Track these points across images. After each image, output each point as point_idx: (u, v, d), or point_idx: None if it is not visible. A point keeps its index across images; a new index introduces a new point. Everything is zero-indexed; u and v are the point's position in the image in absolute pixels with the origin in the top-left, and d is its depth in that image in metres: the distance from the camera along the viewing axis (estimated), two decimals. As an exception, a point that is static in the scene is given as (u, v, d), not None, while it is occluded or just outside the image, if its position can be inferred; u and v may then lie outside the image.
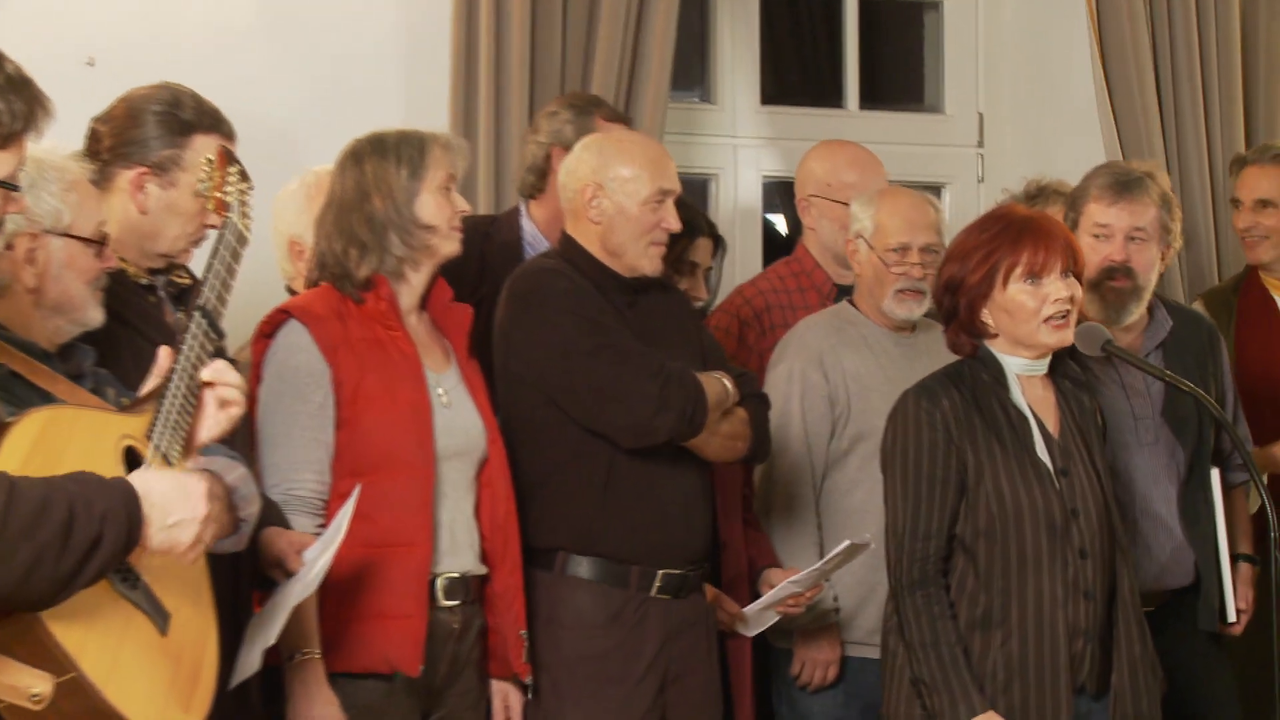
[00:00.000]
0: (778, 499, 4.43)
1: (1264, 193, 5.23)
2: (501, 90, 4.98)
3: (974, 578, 3.73)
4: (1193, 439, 4.41)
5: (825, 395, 4.39)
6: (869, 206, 4.47)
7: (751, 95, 5.79)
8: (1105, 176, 4.42)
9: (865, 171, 4.84)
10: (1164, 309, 4.52)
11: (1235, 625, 4.49)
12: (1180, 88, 5.72)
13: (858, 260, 4.49)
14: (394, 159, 3.67)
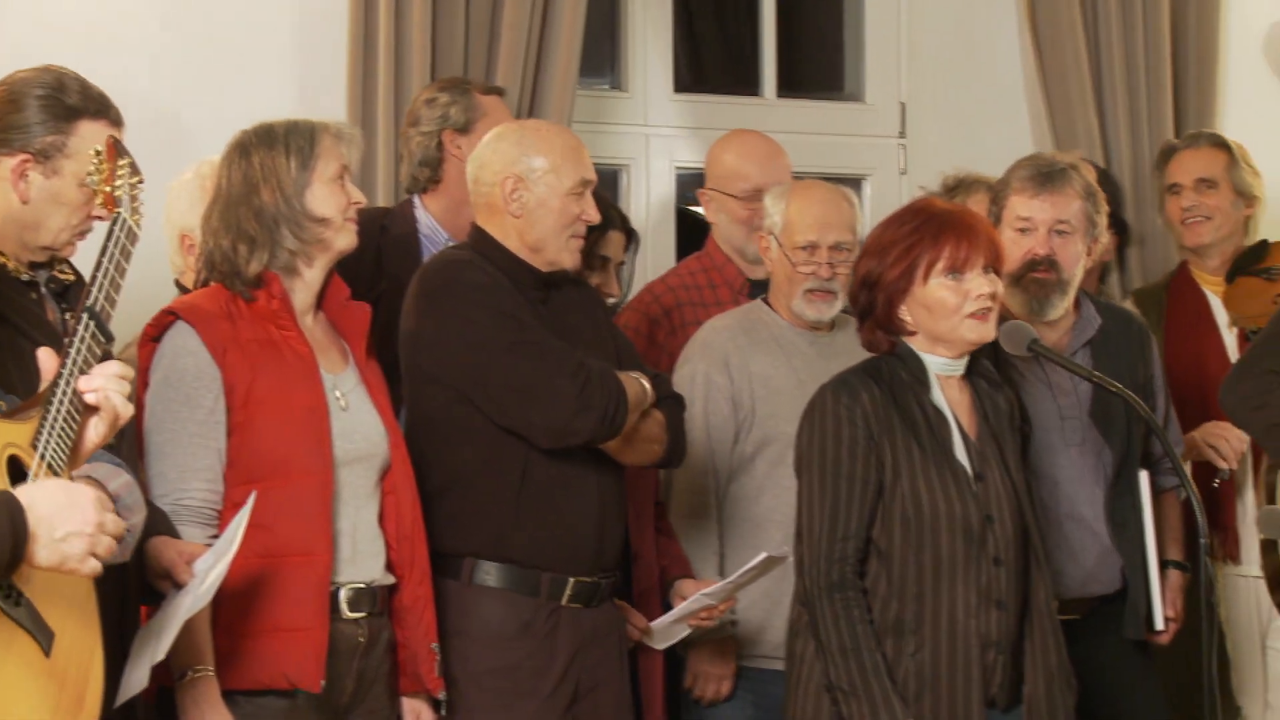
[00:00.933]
0: (679, 506, 4.42)
1: (1204, 172, 5.29)
2: (401, 78, 4.96)
3: (887, 583, 3.74)
4: (1121, 441, 4.44)
5: (730, 398, 4.39)
6: (780, 201, 4.47)
7: (664, 82, 5.79)
8: (1028, 169, 4.45)
9: (763, 163, 4.85)
10: (1093, 306, 4.55)
11: (1163, 634, 4.52)
12: (1113, 78, 5.77)
13: (769, 258, 4.49)
14: (283, 150, 3.64)
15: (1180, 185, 5.32)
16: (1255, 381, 4.36)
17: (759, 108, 5.87)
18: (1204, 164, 5.31)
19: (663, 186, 5.79)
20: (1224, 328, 5.21)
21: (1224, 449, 4.93)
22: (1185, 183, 5.31)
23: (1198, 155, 5.33)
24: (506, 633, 3.92)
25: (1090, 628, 4.39)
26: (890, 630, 3.73)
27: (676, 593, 4.29)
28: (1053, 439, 4.38)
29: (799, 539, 3.79)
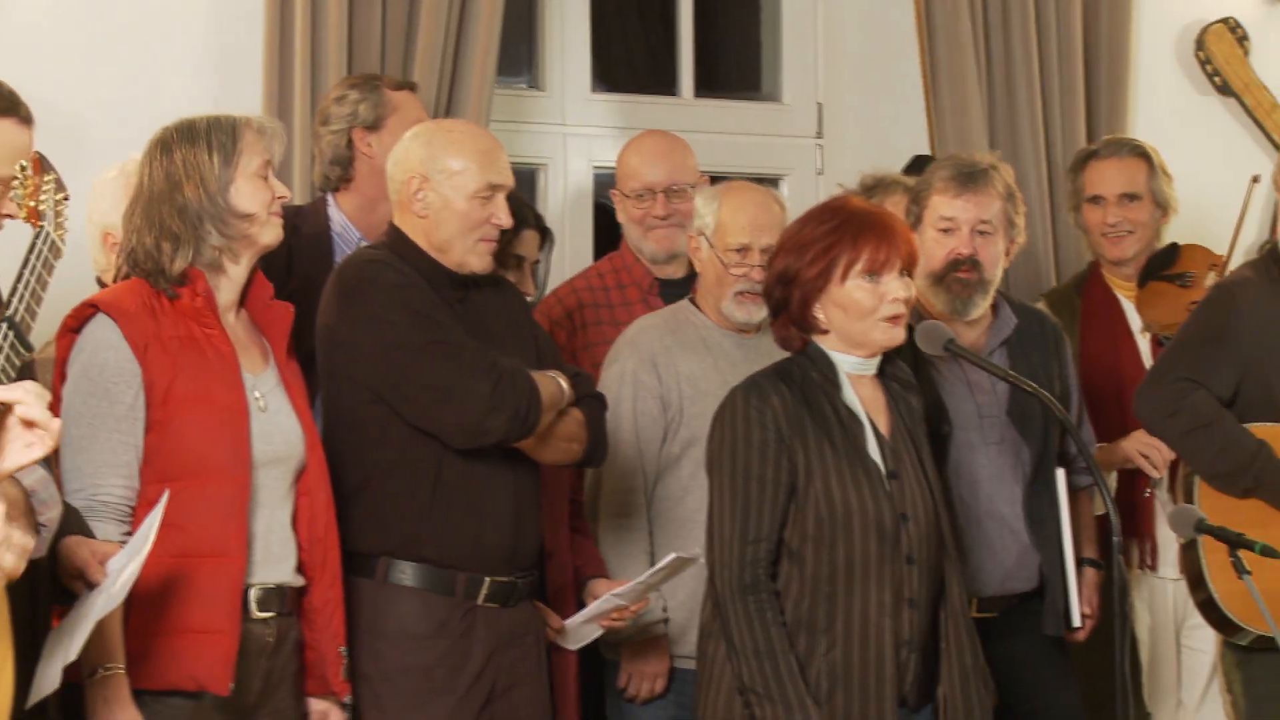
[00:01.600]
0: (608, 505, 4.43)
1: (1128, 186, 5.30)
2: (318, 76, 4.93)
3: (799, 583, 3.75)
4: (1038, 440, 4.48)
5: (658, 397, 4.39)
6: (712, 203, 4.47)
7: (582, 81, 5.79)
8: (950, 169, 4.48)
9: (653, 162, 4.85)
10: (1009, 306, 4.58)
11: (1080, 631, 4.56)
12: (1015, 83, 5.79)
13: (699, 258, 4.48)
14: (205, 145, 3.62)
15: (1103, 198, 5.30)
16: (1168, 389, 4.41)
17: (676, 108, 5.88)
18: (1127, 177, 5.30)
19: (580, 186, 5.78)
20: (1138, 333, 5.24)
21: (1155, 458, 4.95)
22: (1109, 196, 5.29)
23: (1120, 166, 5.32)
24: (421, 632, 3.91)
25: (1009, 625, 4.43)
26: (803, 629, 3.74)
27: (589, 592, 4.29)
28: (972, 438, 4.42)
29: (710, 541, 3.80)
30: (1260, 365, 4.39)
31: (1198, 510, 4.07)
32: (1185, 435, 4.39)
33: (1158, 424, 4.49)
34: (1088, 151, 5.44)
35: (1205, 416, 4.35)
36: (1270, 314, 4.41)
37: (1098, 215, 5.32)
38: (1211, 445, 4.35)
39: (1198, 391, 4.37)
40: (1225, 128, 6.28)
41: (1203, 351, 4.42)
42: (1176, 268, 5.22)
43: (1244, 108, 6.27)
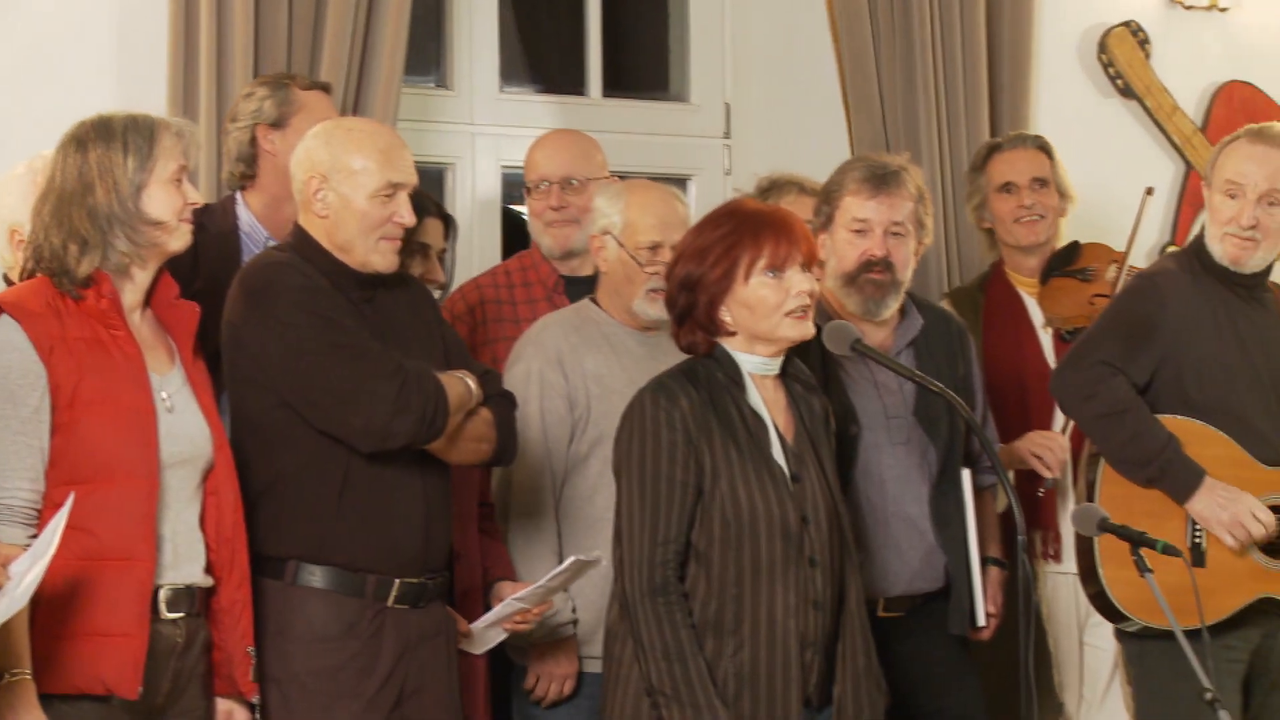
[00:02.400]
0: (516, 506, 4.42)
1: (1037, 171, 5.36)
2: (224, 74, 4.90)
3: (706, 584, 3.77)
4: (944, 439, 4.51)
5: (565, 396, 4.39)
6: (617, 201, 4.47)
7: (490, 80, 5.79)
8: (861, 170, 4.50)
9: (551, 156, 4.86)
10: (915, 307, 4.61)
11: (984, 630, 4.60)
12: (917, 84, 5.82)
13: (604, 257, 4.48)
14: (120, 147, 3.59)
15: (1015, 184, 5.37)
16: (1087, 372, 4.46)
17: (585, 107, 5.88)
18: (1034, 164, 5.38)
19: (488, 185, 5.78)
20: (1040, 328, 5.29)
21: (1048, 459, 5.01)
22: (1020, 182, 5.36)
23: (1028, 155, 5.40)
24: (330, 634, 3.89)
25: (915, 624, 4.46)
26: (710, 631, 3.76)
27: (495, 595, 4.29)
28: (879, 438, 4.44)
29: (618, 542, 3.80)
30: (1176, 358, 4.46)
31: (1101, 509, 4.10)
32: (1098, 419, 4.44)
33: (1073, 406, 4.54)
34: (990, 145, 5.50)
35: (1120, 403, 4.41)
36: (1191, 309, 4.48)
37: (1010, 202, 5.37)
38: (1123, 432, 4.41)
39: (1116, 378, 4.43)
40: (1127, 130, 6.34)
41: (1124, 338, 4.47)
42: (1078, 264, 5.27)
43: (1145, 110, 6.34)
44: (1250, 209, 4.48)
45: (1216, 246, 4.54)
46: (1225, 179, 4.52)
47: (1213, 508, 4.38)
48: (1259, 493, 4.43)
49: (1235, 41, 6.49)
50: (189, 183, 3.68)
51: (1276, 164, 4.50)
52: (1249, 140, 4.53)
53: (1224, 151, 4.57)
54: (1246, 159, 4.51)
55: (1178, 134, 6.35)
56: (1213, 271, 4.54)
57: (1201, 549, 4.39)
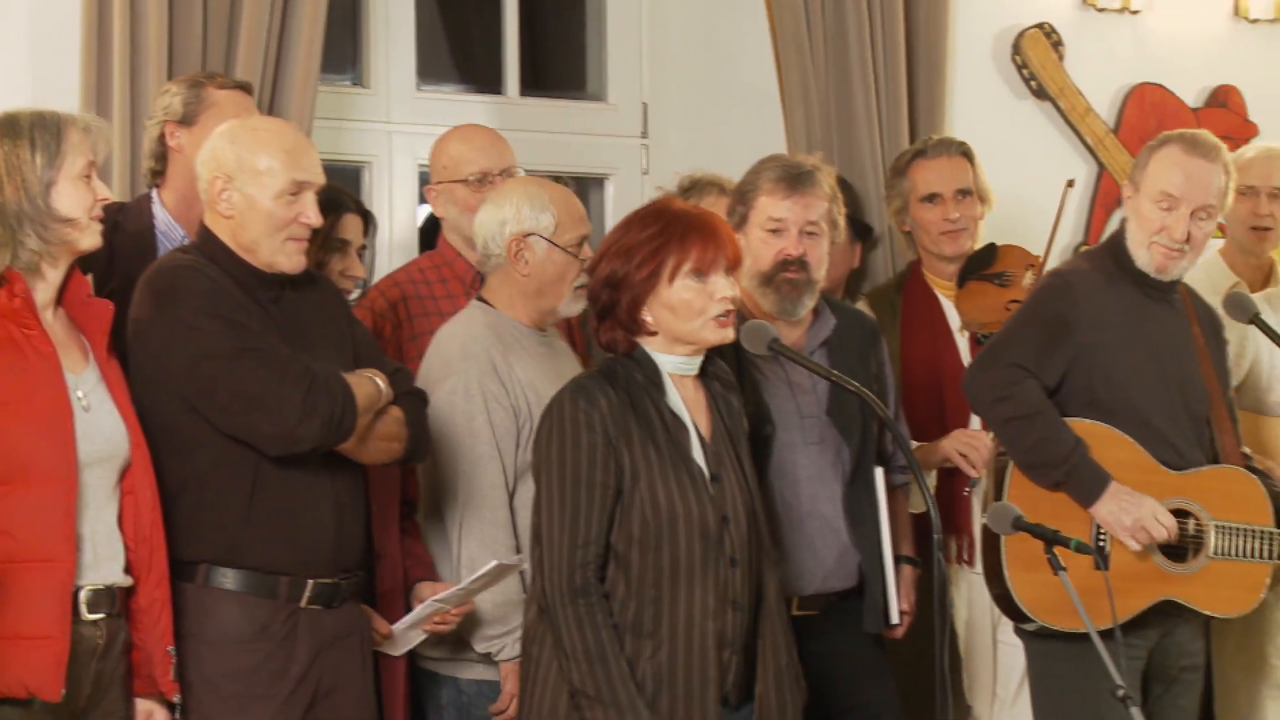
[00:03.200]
0: (474, 522, 4.32)
1: (962, 182, 5.38)
2: (137, 71, 4.86)
3: (625, 586, 3.78)
4: (858, 438, 4.52)
5: (509, 407, 4.32)
6: (541, 200, 4.42)
7: (407, 79, 5.77)
8: (776, 170, 4.51)
9: (487, 148, 4.84)
10: (828, 306, 4.63)
11: (898, 628, 4.62)
12: (851, 84, 5.86)
13: (530, 259, 4.39)
14: (28, 144, 3.56)
15: (940, 196, 5.38)
16: (1000, 373, 4.46)
17: (502, 106, 5.87)
18: (959, 174, 5.39)
19: (406, 184, 5.75)
20: (957, 331, 5.31)
21: (974, 457, 5.04)
22: (946, 193, 5.37)
23: (952, 164, 5.40)
24: (243, 636, 3.88)
25: (829, 622, 4.47)
26: (629, 632, 3.77)
27: (415, 596, 4.28)
28: (793, 437, 4.45)
29: (538, 544, 3.80)
30: (1088, 360, 4.48)
31: (1015, 507, 4.13)
32: (1008, 422, 4.45)
33: (984, 407, 4.55)
34: (913, 151, 5.50)
35: (1031, 406, 4.42)
36: (1103, 310, 4.50)
37: (936, 213, 5.38)
38: (1031, 435, 4.42)
39: (1028, 380, 4.43)
40: (1042, 131, 6.38)
41: (1038, 339, 4.48)
42: (995, 267, 5.29)
43: (1059, 112, 6.39)
44: (1184, 223, 4.50)
45: (1142, 253, 4.55)
46: (1160, 190, 4.51)
47: (1116, 512, 4.41)
48: (1161, 496, 4.46)
49: (1146, 44, 6.55)
50: (99, 179, 3.65)
51: (1210, 179, 4.52)
52: (1184, 151, 4.52)
53: (1155, 158, 4.55)
54: (1182, 172, 4.50)
55: (1091, 135, 6.40)
56: (1128, 273, 4.56)
57: (1105, 551, 4.43)
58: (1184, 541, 4.50)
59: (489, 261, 4.44)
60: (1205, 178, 4.50)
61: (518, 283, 4.43)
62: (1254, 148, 5.75)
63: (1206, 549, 4.47)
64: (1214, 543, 4.48)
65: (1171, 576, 4.47)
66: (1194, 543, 4.51)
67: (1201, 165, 4.50)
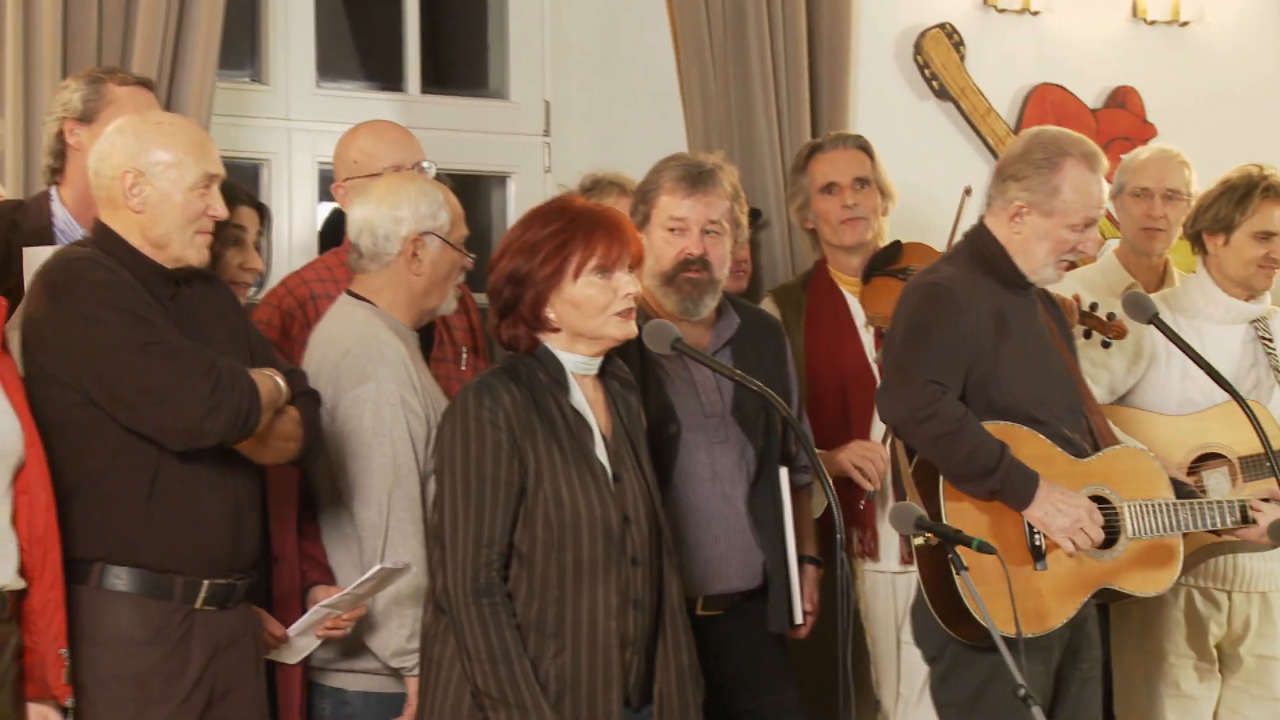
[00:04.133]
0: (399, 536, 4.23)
1: (859, 171, 5.39)
2: (31, 68, 4.82)
3: (528, 586, 3.77)
4: (761, 438, 4.53)
5: (424, 419, 4.27)
6: (438, 198, 4.40)
7: (306, 75, 5.74)
8: (677, 169, 4.51)
9: (399, 142, 4.80)
10: (731, 305, 4.63)
11: (801, 628, 4.63)
12: (752, 83, 5.87)
13: (424, 258, 4.36)
14: None
15: (838, 184, 5.39)
16: (918, 392, 4.35)
17: (403, 103, 5.85)
18: (855, 164, 5.41)
19: (305, 182, 5.73)
20: (861, 327, 5.33)
21: (869, 470, 5.06)
22: (843, 182, 5.39)
23: (849, 155, 5.43)
24: (138, 638, 3.85)
25: (734, 622, 4.48)
26: (532, 633, 3.75)
27: (310, 599, 4.24)
28: (698, 437, 4.46)
29: (439, 543, 3.78)
30: (979, 364, 4.47)
31: (918, 507, 4.12)
32: (938, 440, 4.36)
33: (910, 428, 4.42)
34: (811, 146, 5.53)
35: (956, 420, 4.34)
36: (982, 313, 4.47)
37: (833, 203, 5.39)
38: (963, 449, 4.34)
39: (948, 394, 4.37)
40: (943, 131, 6.42)
41: (940, 351, 4.42)
42: (900, 263, 5.31)
43: (960, 112, 6.43)
44: (1094, 240, 4.52)
45: (1047, 270, 4.52)
46: (1083, 217, 4.45)
47: (1052, 513, 4.38)
48: (1077, 485, 4.46)
49: (1047, 44, 6.60)
50: None
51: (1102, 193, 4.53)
52: (1090, 168, 4.48)
53: (1065, 179, 4.46)
54: (1098, 192, 4.49)
55: (992, 136, 6.44)
56: (996, 275, 4.51)
57: (1041, 550, 4.41)
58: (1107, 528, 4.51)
59: (378, 259, 4.39)
60: (1101, 192, 4.53)
61: (407, 282, 4.38)
62: (1149, 149, 5.80)
63: (1125, 532, 4.49)
64: (1130, 524, 4.50)
65: (1103, 565, 4.47)
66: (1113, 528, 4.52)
67: (1101, 180, 4.52)
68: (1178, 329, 4.95)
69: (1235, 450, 5.14)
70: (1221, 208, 5.26)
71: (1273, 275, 5.28)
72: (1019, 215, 4.49)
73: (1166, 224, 5.61)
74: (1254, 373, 5.27)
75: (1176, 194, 5.60)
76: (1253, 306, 5.29)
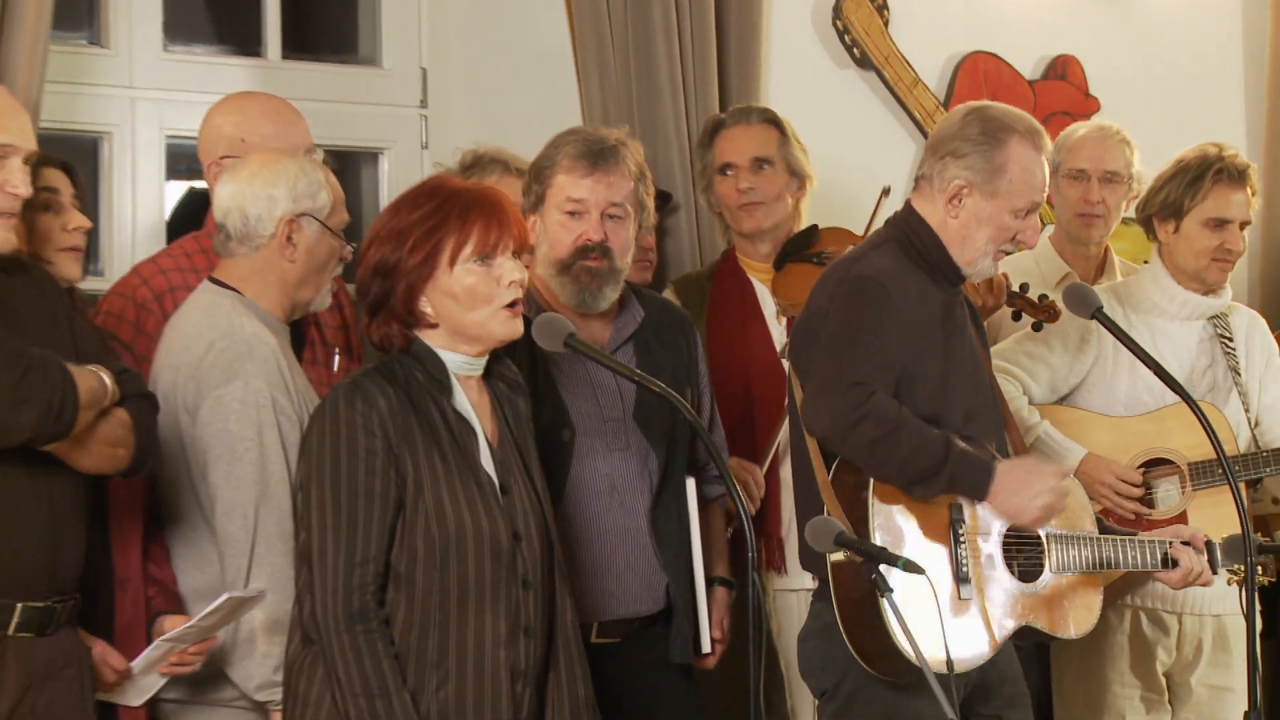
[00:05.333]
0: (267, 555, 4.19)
1: (759, 150, 5.41)
2: None
3: (407, 610, 3.73)
4: (666, 445, 4.51)
5: (298, 422, 4.22)
6: (317, 177, 4.35)
7: (152, 38, 5.68)
8: (576, 145, 4.47)
9: (284, 123, 4.77)
10: (635, 297, 4.61)
11: (710, 657, 4.60)
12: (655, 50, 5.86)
13: (300, 242, 4.31)
14: None
15: (734, 165, 5.42)
16: (845, 396, 4.26)
17: (262, 70, 5.81)
18: (758, 142, 5.43)
19: (152, 157, 5.67)
20: (771, 318, 5.32)
21: (752, 490, 5.08)
22: (740, 163, 5.42)
23: (749, 132, 5.46)
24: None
25: (633, 652, 4.46)
26: (412, 662, 3.72)
27: (156, 629, 4.19)
28: (595, 444, 4.44)
29: (306, 564, 3.75)
30: (908, 368, 4.41)
31: (837, 522, 4.05)
32: (873, 445, 4.25)
33: (840, 436, 4.30)
34: (715, 122, 5.55)
35: (890, 420, 4.24)
36: (913, 311, 4.43)
37: (729, 185, 5.43)
38: (902, 450, 4.25)
39: (876, 395, 4.27)
40: (866, 104, 6.45)
41: (869, 351, 4.33)
42: (815, 248, 5.31)
43: (884, 83, 6.44)
44: (1034, 229, 4.47)
45: (985, 261, 4.47)
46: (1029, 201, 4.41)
47: (1012, 496, 4.29)
48: None
49: (979, 10, 6.65)
50: None
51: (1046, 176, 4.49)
52: (1037, 149, 4.43)
53: (1011, 158, 4.40)
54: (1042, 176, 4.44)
55: (919, 109, 6.46)
56: (927, 267, 4.46)
57: (968, 576, 4.36)
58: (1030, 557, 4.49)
59: (247, 243, 4.33)
60: (1045, 174, 4.49)
61: (280, 269, 4.35)
62: (1085, 126, 5.84)
63: (1049, 564, 4.47)
64: (1055, 557, 4.48)
65: (1026, 599, 4.44)
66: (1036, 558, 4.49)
67: (1044, 162, 4.48)
68: (1128, 326, 4.97)
69: (1185, 456, 5.18)
70: (1172, 191, 5.27)
71: (1228, 269, 5.29)
72: (958, 197, 4.43)
73: (1105, 209, 5.65)
74: (1210, 374, 5.30)
75: (1116, 176, 5.64)
76: (1211, 301, 5.30)
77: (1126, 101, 6.68)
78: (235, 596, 4.04)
